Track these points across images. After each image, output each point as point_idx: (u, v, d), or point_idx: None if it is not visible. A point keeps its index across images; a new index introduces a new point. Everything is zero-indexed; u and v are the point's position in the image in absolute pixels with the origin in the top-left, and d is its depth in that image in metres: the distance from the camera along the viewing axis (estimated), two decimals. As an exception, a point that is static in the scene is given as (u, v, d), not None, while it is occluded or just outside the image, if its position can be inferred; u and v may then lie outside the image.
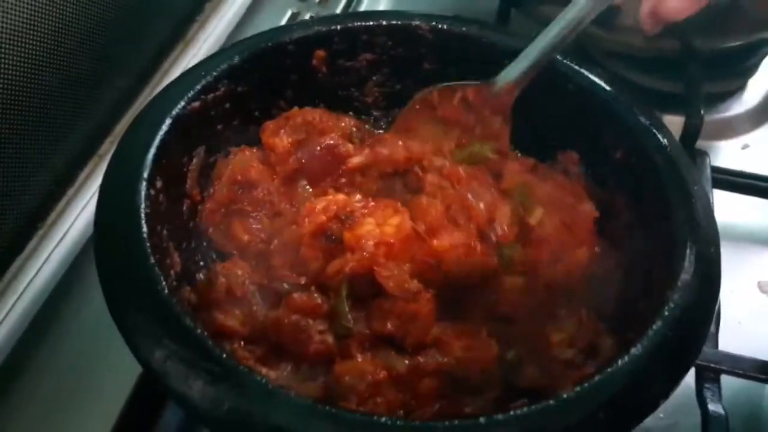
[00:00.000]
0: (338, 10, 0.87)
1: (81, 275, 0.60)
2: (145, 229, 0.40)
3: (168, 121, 0.46)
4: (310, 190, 0.53)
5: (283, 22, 0.86)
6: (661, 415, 0.52)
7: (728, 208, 0.64)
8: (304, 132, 0.54)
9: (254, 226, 0.51)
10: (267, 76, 0.55)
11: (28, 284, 0.58)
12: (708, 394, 0.49)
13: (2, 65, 0.54)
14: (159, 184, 0.44)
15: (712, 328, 0.52)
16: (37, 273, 0.59)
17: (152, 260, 0.38)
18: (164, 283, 0.38)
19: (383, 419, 0.33)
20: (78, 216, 0.63)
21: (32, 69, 0.57)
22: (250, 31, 0.83)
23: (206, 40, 0.81)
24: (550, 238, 0.51)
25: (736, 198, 0.66)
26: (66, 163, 0.65)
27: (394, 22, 0.57)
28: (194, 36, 0.82)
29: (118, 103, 0.71)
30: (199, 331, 0.36)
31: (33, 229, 0.61)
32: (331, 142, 0.53)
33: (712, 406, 0.49)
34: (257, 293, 0.46)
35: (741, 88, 0.78)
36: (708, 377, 0.50)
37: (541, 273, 0.49)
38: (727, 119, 0.75)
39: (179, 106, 0.47)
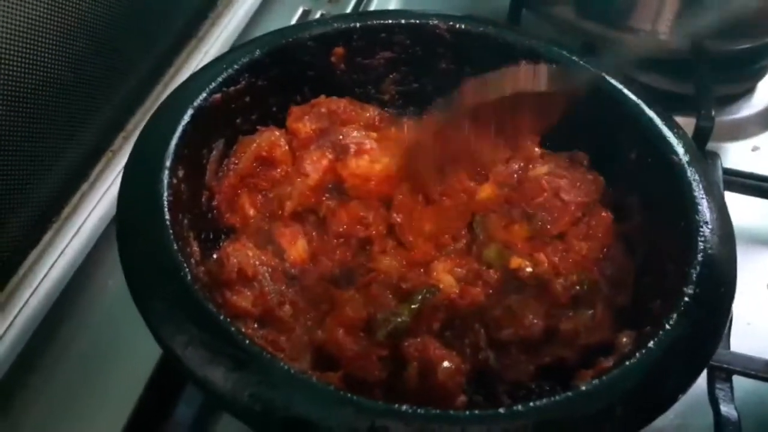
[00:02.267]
0: (349, 9, 0.87)
1: (95, 268, 0.60)
2: (167, 216, 0.40)
3: (190, 112, 0.46)
4: None
5: (295, 19, 0.86)
6: (672, 416, 0.52)
7: (738, 210, 0.63)
8: (328, 120, 0.55)
9: (262, 202, 0.52)
10: (286, 72, 0.55)
11: (44, 277, 0.58)
12: (720, 394, 0.49)
13: (17, 61, 0.54)
14: (181, 173, 0.45)
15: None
16: (52, 266, 0.59)
17: (175, 247, 0.39)
18: (187, 269, 0.38)
19: (404, 407, 0.34)
20: (92, 210, 0.63)
21: (46, 65, 0.57)
22: (262, 28, 0.83)
23: (218, 37, 0.81)
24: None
25: (746, 200, 0.66)
26: (80, 158, 0.65)
27: (412, 21, 0.58)
28: (206, 33, 0.82)
29: (130, 100, 0.71)
30: (222, 317, 0.36)
31: (48, 223, 0.61)
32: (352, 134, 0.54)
33: (725, 407, 0.49)
34: (267, 274, 0.46)
35: (751, 90, 0.78)
36: (720, 378, 0.50)
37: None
38: (737, 121, 0.76)
39: (201, 98, 0.48)
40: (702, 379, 0.50)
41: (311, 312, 0.46)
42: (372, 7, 0.89)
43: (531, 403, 0.35)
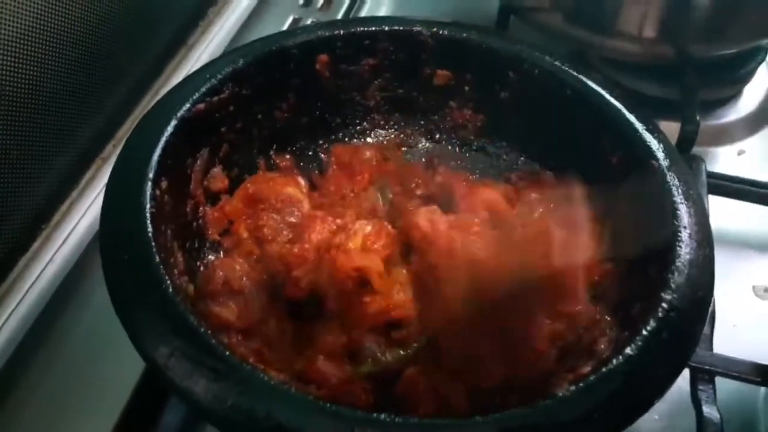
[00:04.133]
0: (339, 16, 0.88)
1: (84, 276, 0.60)
2: (150, 228, 0.40)
3: (174, 123, 0.47)
4: None
5: (285, 27, 0.86)
6: (656, 417, 0.53)
7: (724, 214, 0.64)
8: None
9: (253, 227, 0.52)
10: (271, 80, 0.56)
11: (32, 284, 0.59)
12: (703, 396, 0.50)
13: (7, 69, 0.54)
14: (164, 184, 0.45)
15: (707, 330, 0.53)
16: (41, 273, 0.60)
17: (157, 259, 0.39)
18: (169, 281, 0.38)
19: (383, 416, 0.34)
20: (82, 217, 0.64)
21: (36, 73, 0.58)
22: (253, 36, 0.84)
23: (209, 45, 0.82)
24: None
25: (732, 203, 0.66)
26: (70, 165, 0.66)
27: (395, 27, 0.58)
28: (197, 41, 0.83)
29: (120, 107, 0.72)
30: (203, 329, 0.36)
31: (37, 230, 0.62)
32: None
33: (707, 408, 0.49)
34: (254, 289, 0.47)
35: (737, 94, 0.79)
36: (702, 379, 0.51)
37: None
38: (723, 126, 0.76)
39: (185, 108, 0.48)
40: (685, 381, 0.51)
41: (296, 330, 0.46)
42: (363, 14, 0.89)
43: (507, 411, 0.35)
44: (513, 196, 0.56)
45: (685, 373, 0.50)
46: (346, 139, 0.62)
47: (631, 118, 0.52)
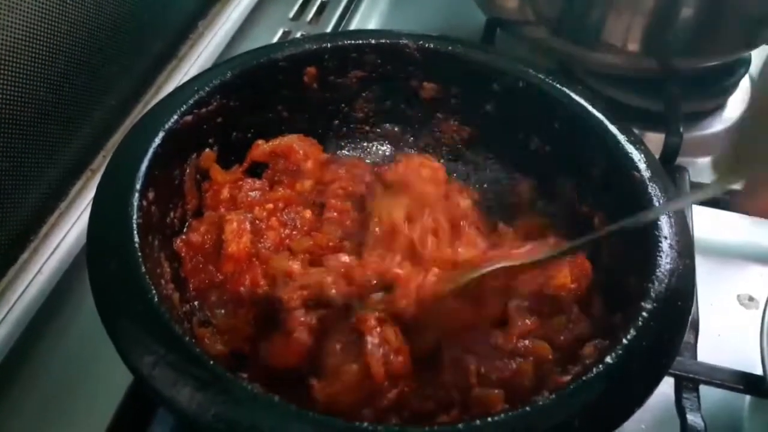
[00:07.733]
0: (329, 29, 0.88)
1: (72, 287, 0.60)
2: (137, 239, 0.41)
3: (161, 134, 0.47)
4: None
5: (275, 40, 0.87)
6: (643, 426, 0.53)
7: (708, 224, 0.65)
8: None
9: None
10: (259, 92, 0.56)
11: (20, 295, 0.59)
12: (687, 404, 0.50)
13: (-4, 81, 0.55)
14: (151, 195, 0.45)
15: (691, 339, 0.53)
16: (29, 284, 0.60)
17: (143, 269, 0.39)
18: (155, 291, 0.39)
19: (366, 425, 0.34)
20: (70, 229, 0.64)
21: (26, 85, 0.58)
22: (243, 48, 0.84)
23: (199, 58, 0.83)
24: None
25: (716, 213, 0.67)
26: (59, 177, 0.66)
27: (382, 40, 0.59)
28: (187, 53, 0.83)
29: (110, 119, 0.72)
30: (187, 338, 0.37)
31: (26, 241, 0.62)
32: None
33: (691, 416, 0.49)
34: None
35: (720, 106, 0.80)
36: (687, 387, 0.51)
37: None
38: (707, 137, 0.77)
39: (172, 120, 0.48)
40: (669, 389, 0.51)
41: None
42: (352, 27, 0.90)
43: (489, 418, 0.35)
44: None
45: (670, 382, 0.51)
46: (334, 150, 0.63)
47: (613, 129, 0.53)
